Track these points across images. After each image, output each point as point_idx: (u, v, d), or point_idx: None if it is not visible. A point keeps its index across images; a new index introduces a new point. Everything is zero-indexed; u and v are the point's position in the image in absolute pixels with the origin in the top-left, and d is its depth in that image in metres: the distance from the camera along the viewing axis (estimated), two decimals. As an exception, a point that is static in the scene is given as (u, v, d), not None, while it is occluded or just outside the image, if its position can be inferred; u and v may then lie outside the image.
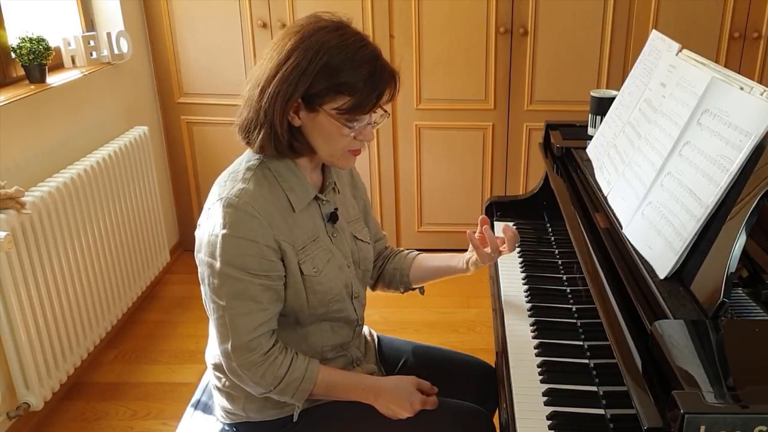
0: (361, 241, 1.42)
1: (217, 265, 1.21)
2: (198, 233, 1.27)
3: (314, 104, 1.19)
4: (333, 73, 1.17)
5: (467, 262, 1.48)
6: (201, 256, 1.25)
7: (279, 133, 1.21)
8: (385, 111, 1.26)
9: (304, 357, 1.30)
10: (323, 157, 1.27)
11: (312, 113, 1.20)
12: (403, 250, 1.58)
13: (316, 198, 1.32)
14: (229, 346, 1.23)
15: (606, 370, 1.20)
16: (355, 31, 1.21)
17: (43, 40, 2.31)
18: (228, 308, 1.22)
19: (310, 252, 1.28)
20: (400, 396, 1.31)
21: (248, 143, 1.26)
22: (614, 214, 1.33)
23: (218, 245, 1.20)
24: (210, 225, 1.23)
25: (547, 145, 1.91)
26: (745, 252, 1.06)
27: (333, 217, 1.35)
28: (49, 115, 2.37)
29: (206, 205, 1.27)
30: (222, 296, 1.22)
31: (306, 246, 1.28)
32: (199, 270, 1.27)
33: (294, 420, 1.33)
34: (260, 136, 1.22)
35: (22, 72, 2.37)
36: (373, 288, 1.59)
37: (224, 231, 1.20)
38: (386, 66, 1.21)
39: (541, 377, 1.28)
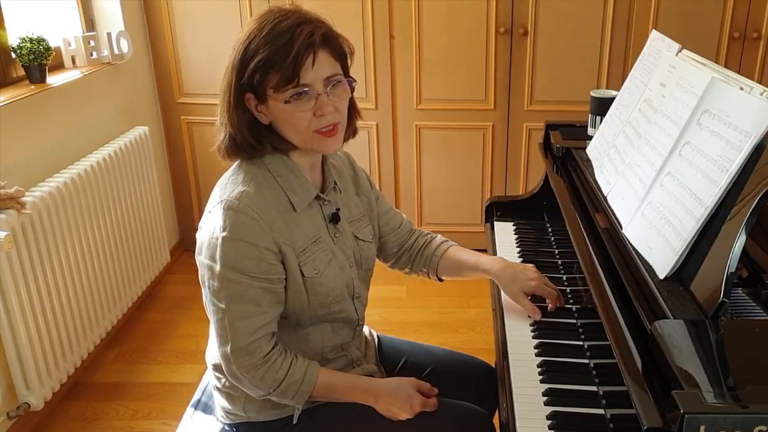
0: (363, 240, 1.42)
1: (217, 267, 1.21)
2: (199, 235, 1.27)
3: (259, 93, 1.21)
4: (253, 55, 1.18)
5: (502, 278, 1.48)
6: (201, 258, 1.25)
7: (234, 134, 1.25)
8: (350, 77, 1.26)
9: (304, 359, 1.30)
10: (299, 145, 1.27)
11: (264, 104, 1.22)
12: (431, 240, 1.56)
13: (318, 198, 1.32)
14: (229, 348, 1.23)
15: (606, 370, 1.20)
16: (280, 10, 1.21)
17: (44, 40, 2.31)
18: (227, 311, 1.22)
19: (311, 253, 1.28)
20: (399, 397, 1.31)
21: (218, 150, 1.30)
22: (614, 214, 1.33)
23: (218, 248, 1.20)
24: (210, 228, 1.23)
25: (547, 145, 1.90)
26: (745, 252, 1.06)
27: (335, 218, 1.35)
28: (49, 115, 2.37)
29: (207, 208, 1.28)
30: (221, 299, 1.22)
31: (307, 247, 1.28)
32: (199, 272, 1.27)
33: (294, 421, 1.33)
34: (224, 138, 1.27)
35: (22, 72, 2.37)
36: (409, 274, 1.60)
37: (224, 234, 1.20)
38: (305, 30, 1.18)
39: (541, 377, 1.27)
